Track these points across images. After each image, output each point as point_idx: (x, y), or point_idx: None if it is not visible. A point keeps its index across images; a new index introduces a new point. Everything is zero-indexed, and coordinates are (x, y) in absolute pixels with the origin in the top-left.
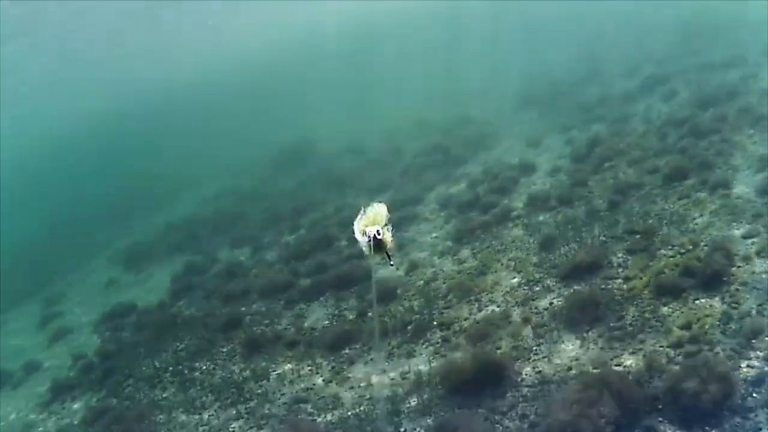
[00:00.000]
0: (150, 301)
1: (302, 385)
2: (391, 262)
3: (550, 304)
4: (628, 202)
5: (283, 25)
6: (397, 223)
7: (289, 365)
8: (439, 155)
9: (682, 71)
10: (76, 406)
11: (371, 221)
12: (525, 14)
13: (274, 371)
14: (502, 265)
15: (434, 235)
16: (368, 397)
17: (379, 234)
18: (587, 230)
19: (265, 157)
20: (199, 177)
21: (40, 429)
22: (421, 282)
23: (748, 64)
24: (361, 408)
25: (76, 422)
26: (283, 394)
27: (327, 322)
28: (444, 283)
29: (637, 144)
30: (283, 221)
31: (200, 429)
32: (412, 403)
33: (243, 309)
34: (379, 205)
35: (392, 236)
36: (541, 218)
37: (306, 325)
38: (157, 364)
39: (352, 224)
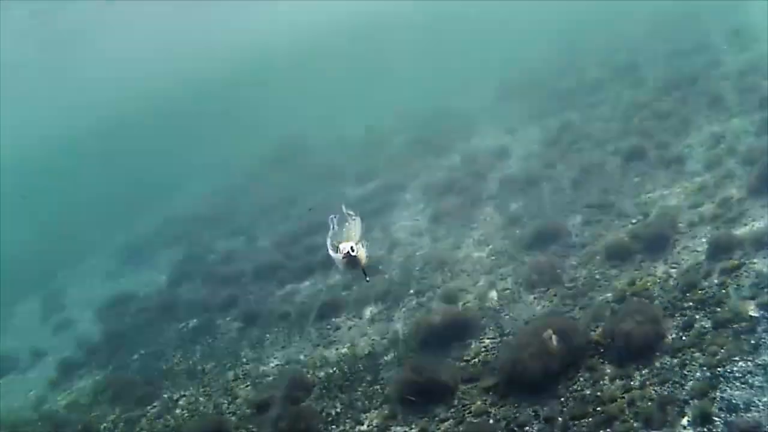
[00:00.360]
0: (150, 289)
1: (293, 349)
2: (367, 278)
3: (514, 270)
4: (590, 179)
5: (272, 23)
6: (381, 208)
7: (281, 333)
8: (421, 145)
9: (651, 59)
10: (84, 383)
11: (345, 237)
12: (506, 12)
13: (268, 338)
14: (473, 240)
15: (415, 218)
16: (351, 355)
17: (353, 251)
18: (551, 206)
19: (258, 154)
20: (193, 175)
21: (50, 403)
22: (401, 258)
23: (713, 49)
24: (345, 365)
25: (86, 393)
26: (276, 357)
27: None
28: (421, 258)
29: (603, 128)
30: (275, 211)
31: (201, 390)
32: (389, 357)
33: (239, 289)
34: (353, 220)
35: (366, 252)
36: (511, 198)
37: (297, 300)
38: (160, 340)
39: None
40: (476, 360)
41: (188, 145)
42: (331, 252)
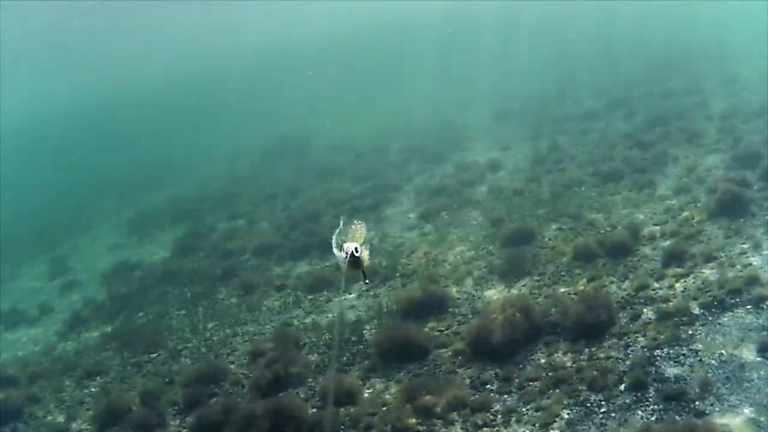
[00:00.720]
0: (154, 259)
1: (287, 315)
2: (366, 280)
3: (490, 263)
4: (569, 194)
5: (272, 33)
6: (376, 204)
7: (277, 302)
8: (419, 153)
9: (645, 95)
10: (91, 334)
11: (350, 238)
12: (512, 41)
13: (265, 305)
14: (457, 237)
15: (407, 215)
16: (340, 321)
17: (357, 251)
18: (531, 214)
19: (263, 148)
20: (200, 162)
21: (59, 350)
22: (391, 248)
23: (704, 92)
24: (334, 329)
25: (92, 343)
26: (272, 321)
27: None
28: (408, 248)
29: (589, 152)
30: (276, 199)
31: (204, 343)
32: (373, 324)
33: (239, 263)
34: (359, 224)
35: (369, 255)
36: (495, 204)
37: (293, 275)
38: (164, 302)
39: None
40: (449, 330)
41: (200, 131)
42: (335, 251)
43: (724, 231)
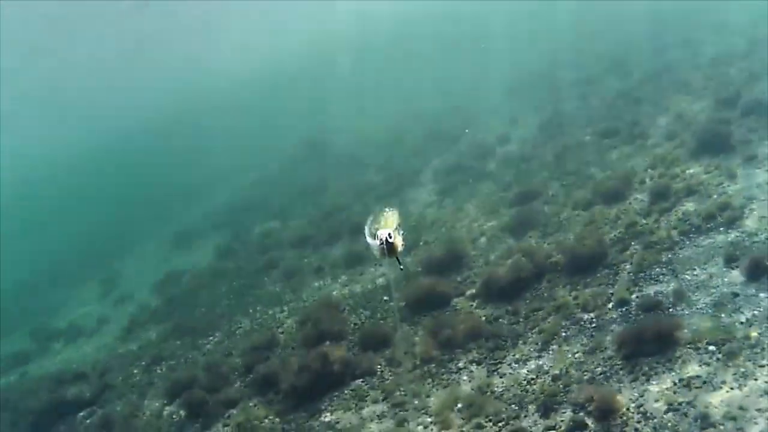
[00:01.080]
0: (200, 266)
1: (327, 290)
2: (401, 266)
3: (501, 222)
4: (570, 154)
5: (288, 32)
6: (399, 187)
7: (316, 282)
8: (435, 137)
9: (641, 53)
10: (150, 333)
11: (383, 225)
12: (515, 14)
13: (306, 286)
14: (472, 205)
15: (427, 194)
16: (372, 287)
17: (390, 237)
18: (536, 176)
19: (289, 150)
20: (231, 171)
21: (122, 349)
22: (414, 223)
23: (694, 43)
24: (369, 292)
25: (153, 339)
26: (314, 297)
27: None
28: (430, 220)
29: (588, 114)
30: (307, 196)
31: (255, 322)
32: (401, 284)
33: (279, 255)
34: (391, 211)
35: (402, 240)
36: (506, 173)
37: (329, 258)
38: (214, 297)
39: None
40: (467, 281)
41: (231, 140)
42: (368, 239)
43: (705, 167)
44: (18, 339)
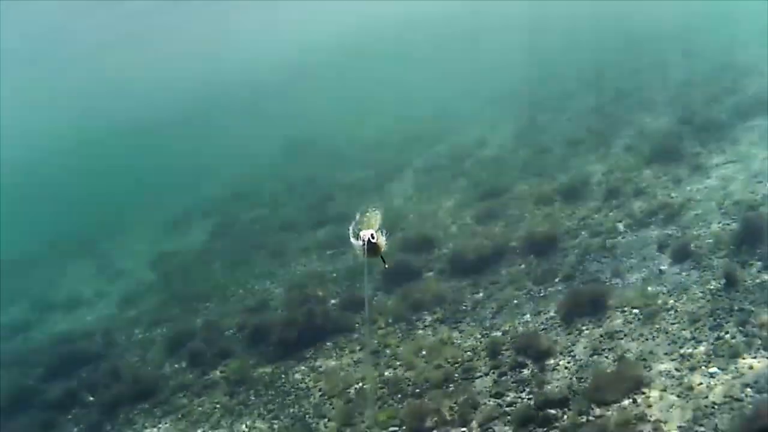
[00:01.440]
0: (193, 247)
1: (313, 266)
2: (386, 265)
3: (470, 213)
4: (539, 158)
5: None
6: (381, 184)
7: (303, 259)
8: (418, 140)
9: (616, 74)
10: (148, 301)
11: (366, 225)
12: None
13: (295, 262)
14: (446, 199)
15: (407, 189)
16: (353, 264)
17: (373, 238)
18: (507, 176)
19: (279, 147)
20: (225, 164)
21: (123, 316)
22: (392, 214)
23: (666, 66)
24: (350, 268)
25: (151, 307)
26: (300, 271)
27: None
28: (407, 211)
29: (560, 125)
30: (295, 188)
31: (247, 291)
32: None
33: (268, 238)
34: (374, 211)
35: (385, 240)
36: (480, 172)
37: (314, 240)
38: (205, 273)
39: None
40: (436, 259)
41: (223, 134)
42: (352, 239)
43: (655, 173)
44: (16, 311)
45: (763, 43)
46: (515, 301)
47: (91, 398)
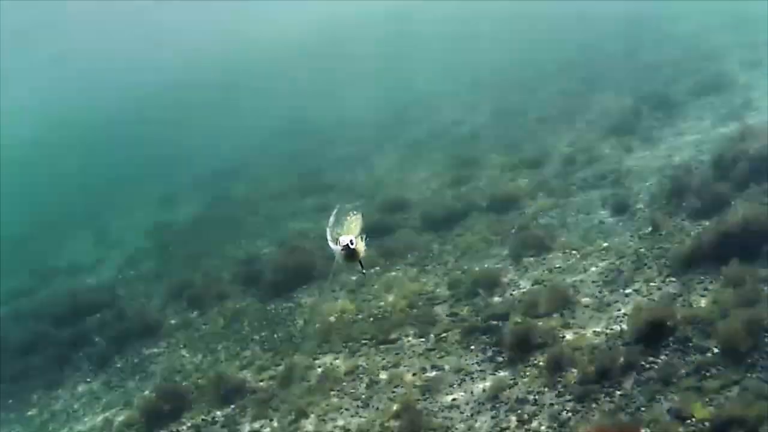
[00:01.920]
0: (187, 217)
1: (301, 227)
2: (363, 270)
3: (443, 180)
4: (509, 134)
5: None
6: (366, 157)
7: (292, 223)
8: (403, 120)
9: (590, 58)
10: (147, 263)
11: (346, 230)
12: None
13: (285, 224)
14: (423, 170)
15: (388, 161)
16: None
17: (352, 243)
18: (479, 149)
19: (269, 129)
20: (217, 144)
21: (124, 275)
22: (373, 182)
23: (639, 50)
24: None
25: (152, 267)
26: (293, 227)
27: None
28: (387, 180)
29: (533, 105)
30: (284, 166)
31: (241, 248)
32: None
33: (259, 206)
34: (355, 215)
35: (365, 246)
36: (456, 147)
37: (303, 207)
38: (202, 236)
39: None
40: (410, 217)
41: (219, 114)
42: (330, 244)
43: (611, 144)
44: (18, 278)
45: (729, 31)
46: (475, 249)
47: (99, 339)
